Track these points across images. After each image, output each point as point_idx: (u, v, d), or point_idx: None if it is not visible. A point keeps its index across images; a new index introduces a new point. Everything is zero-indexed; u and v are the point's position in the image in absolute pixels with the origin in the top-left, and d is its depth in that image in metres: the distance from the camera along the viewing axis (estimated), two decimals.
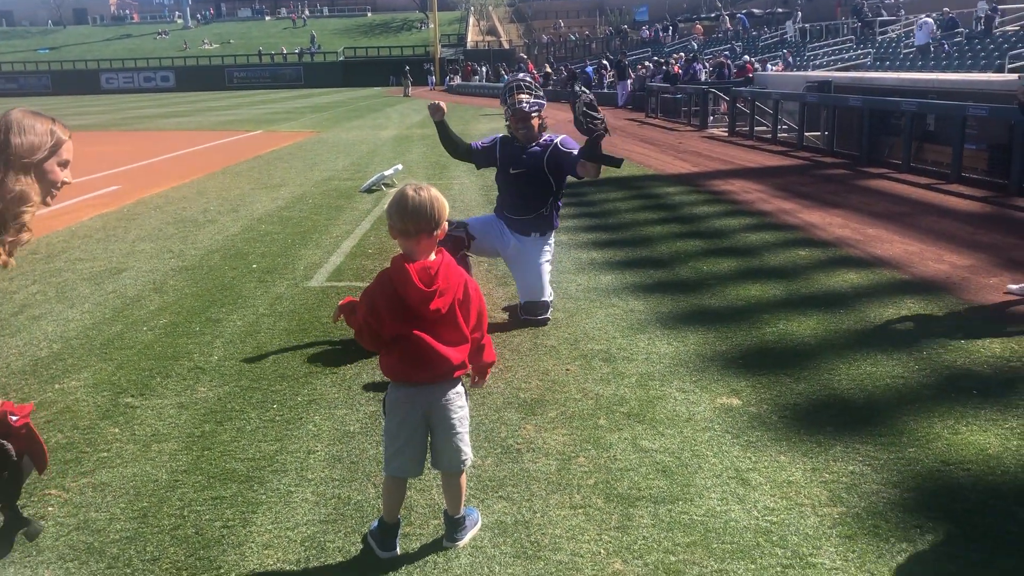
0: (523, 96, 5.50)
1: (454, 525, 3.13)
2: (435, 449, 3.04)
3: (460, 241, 5.50)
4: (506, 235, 5.78)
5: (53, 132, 2.35)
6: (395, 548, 3.07)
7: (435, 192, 2.86)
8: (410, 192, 2.82)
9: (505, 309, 6.05)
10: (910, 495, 3.40)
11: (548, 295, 5.75)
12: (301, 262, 7.69)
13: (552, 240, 5.90)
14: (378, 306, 2.86)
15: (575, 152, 5.46)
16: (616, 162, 5.34)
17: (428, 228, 2.82)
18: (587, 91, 5.56)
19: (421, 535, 3.19)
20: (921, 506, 3.31)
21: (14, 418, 2.29)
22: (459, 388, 3.03)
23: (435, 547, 3.11)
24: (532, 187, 5.63)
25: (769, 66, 29.63)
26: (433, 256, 2.88)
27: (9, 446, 2.29)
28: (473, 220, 5.89)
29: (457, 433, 3.01)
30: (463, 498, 3.15)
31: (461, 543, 3.11)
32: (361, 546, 3.12)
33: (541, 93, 5.62)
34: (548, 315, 5.73)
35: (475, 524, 3.19)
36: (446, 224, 2.91)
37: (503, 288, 6.58)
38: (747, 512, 3.28)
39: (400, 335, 2.88)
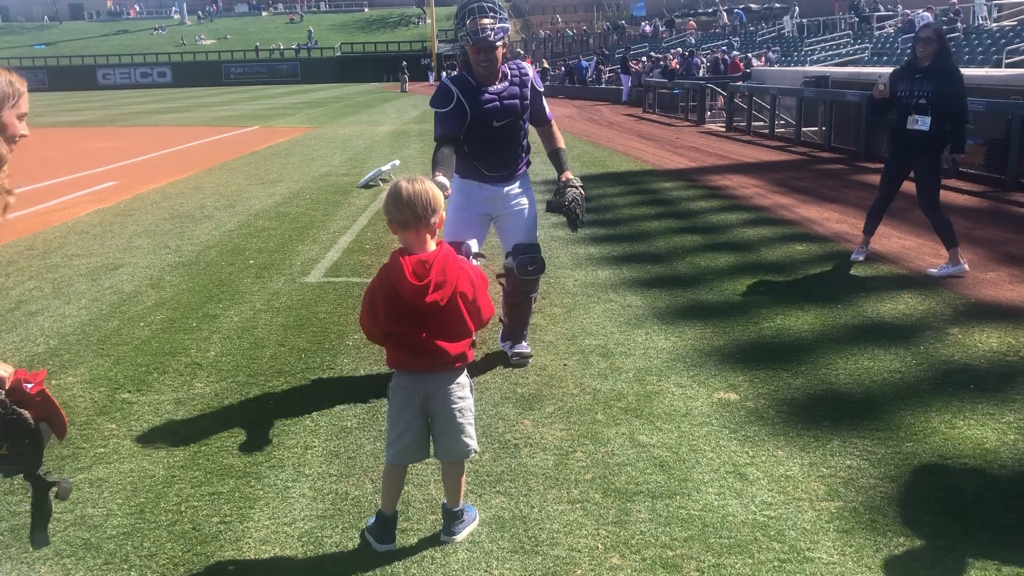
0: (486, 21, 4.29)
1: (452, 518, 3.13)
2: (435, 438, 3.05)
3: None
4: (487, 200, 4.72)
5: (11, 83, 2.31)
6: (393, 541, 3.08)
7: (429, 183, 2.89)
8: (404, 184, 2.85)
9: (499, 276, 5.03)
10: (907, 489, 3.40)
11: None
12: (298, 258, 7.68)
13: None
14: (376, 303, 2.89)
15: (542, 92, 4.76)
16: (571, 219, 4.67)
17: (424, 216, 2.84)
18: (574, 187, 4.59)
19: (419, 530, 3.19)
20: (918, 500, 3.32)
21: (28, 385, 2.28)
22: (462, 379, 3.03)
23: (433, 542, 3.11)
24: (514, 134, 4.68)
25: (753, 62, 29.61)
26: (433, 247, 2.90)
27: (27, 414, 2.29)
28: (453, 230, 4.61)
29: (458, 423, 3.01)
30: (462, 490, 3.15)
31: (459, 537, 3.11)
32: (358, 541, 3.12)
33: (505, 15, 4.39)
34: (540, 259, 4.82)
35: (473, 520, 3.19)
36: (443, 213, 2.93)
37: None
38: (744, 507, 3.29)
39: (394, 332, 2.91)
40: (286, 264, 7.44)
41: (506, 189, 4.72)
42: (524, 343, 5.06)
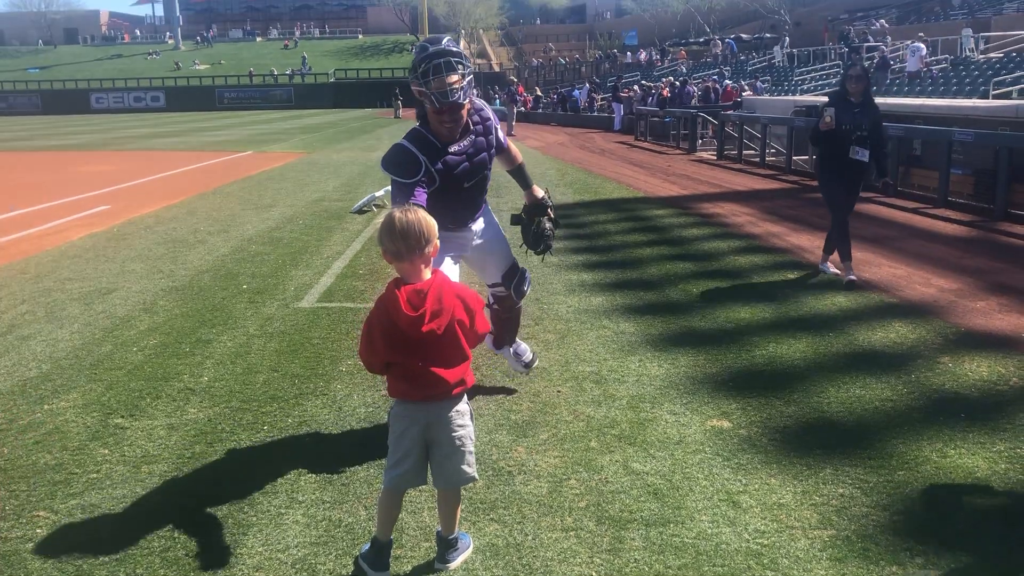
0: (454, 79, 3.77)
1: (447, 545, 3.13)
2: (433, 465, 3.05)
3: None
4: (456, 244, 4.40)
5: None
6: (387, 568, 3.07)
7: (422, 213, 2.90)
8: (398, 214, 2.86)
9: (488, 305, 4.90)
10: (900, 518, 3.42)
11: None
12: (292, 283, 7.68)
13: None
14: (374, 334, 2.91)
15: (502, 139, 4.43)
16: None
17: (419, 247, 2.86)
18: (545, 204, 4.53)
19: (413, 557, 3.19)
20: (911, 529, 3.33)
21: None
22: (462, 407, 3.04)
23: (427, 569, 3.11)
24: (481, 183, 4.36)
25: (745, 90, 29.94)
26: (428, 276, 2.91)
27: None
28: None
29: (458, 451, 3.02)
30: (458, 518, 3.16)
31: (452, 565, 3.11)
32: (352, 568, 3.11)
33: (469, 64, 3.91)
34: (528, 276, 4.79)
35: (467, 548, 3.19)
36: (437, 242, 2.93)
37: None
38: (738, 535, 3.29)
39: (394, 362, 2.93)
40: (279, 289, 7.44)
41: (473, 227, 4.49)
42: (521, 344, 5.03)
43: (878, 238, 9.52)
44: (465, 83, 3.83)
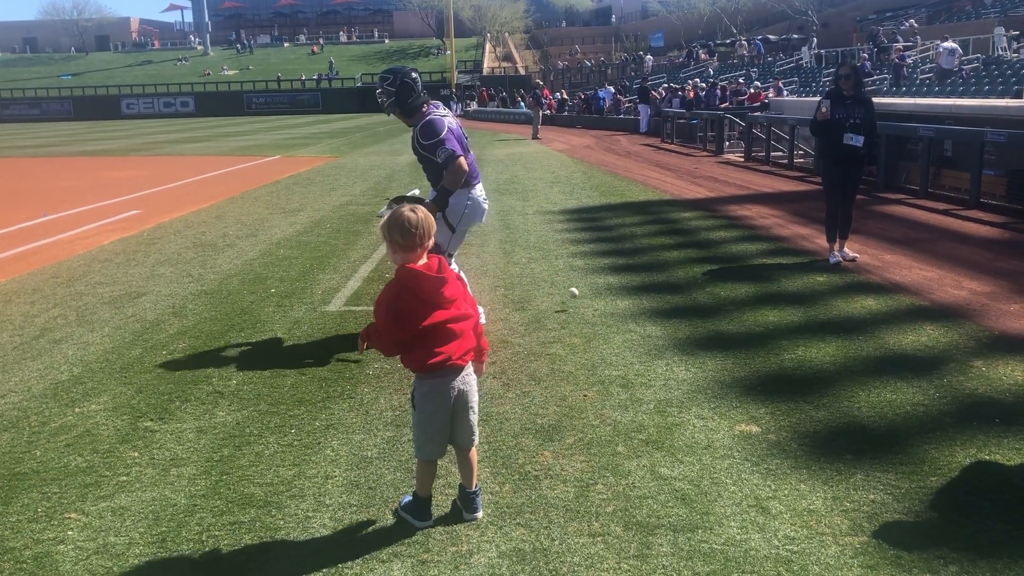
0: (378, 91, 6.07)
1: (469, 498, 3.46)
2: (454, 427, 3.38)
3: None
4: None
5: None
6: (431, 518, 3.43)
7: (424, 211, 3.28)
8: (408, 213, 3.22)
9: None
10: (933, 525, 3.36)
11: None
12: (319, 287, 7.72)
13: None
14: (400, 310, 3.17)
15: (431, 144, 5.77)
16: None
17: (424, 241, 3.24)
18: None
19: (439, 561, 3.19)
20: (944, 537, 3.28)
21: None
22: (473, 372, 3.44)
23: (457, 519, 3.17)
24: (424, 164, 6.00)
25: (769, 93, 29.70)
26: (425, 260, 3.28)
27: None
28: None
29: (473, 410, 3.40)
30: (476, 470, 3.50)
31: (480, 514, 3.46)
32: (379, 572, 3.11)
33: (386, 88, 5.96)
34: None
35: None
36: (433, 237, 3.34)
37: (519, 313, 6.59)
38: (767, 541, 3.26)
39: (427, 326, 3.19)
40: (307, 293, 7.48)
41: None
42: None
43: (908, 240, 9.40)
44: (384, 97, 5.99)
